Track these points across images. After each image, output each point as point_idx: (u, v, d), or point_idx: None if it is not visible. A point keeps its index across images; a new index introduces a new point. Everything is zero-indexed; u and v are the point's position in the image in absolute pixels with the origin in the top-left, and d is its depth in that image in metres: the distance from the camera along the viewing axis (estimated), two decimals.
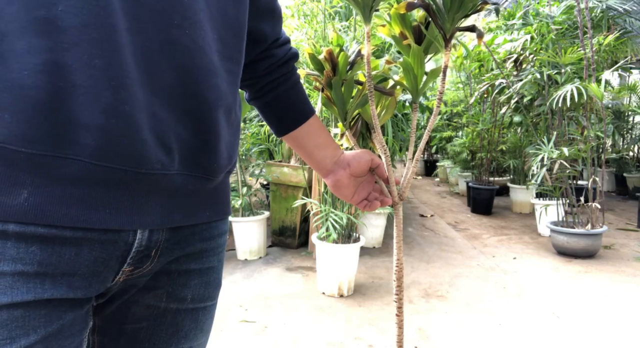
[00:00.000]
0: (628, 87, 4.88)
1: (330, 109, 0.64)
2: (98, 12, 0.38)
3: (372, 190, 0.71)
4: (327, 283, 2.42)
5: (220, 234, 0.58)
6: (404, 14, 0.51)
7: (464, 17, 0.50)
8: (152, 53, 0.41)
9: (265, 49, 0.65)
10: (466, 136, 4.95)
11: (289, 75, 0.67)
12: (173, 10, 0.42)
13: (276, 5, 0.64)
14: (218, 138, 0.49)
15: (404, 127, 4.23)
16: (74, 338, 0.44)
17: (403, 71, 0.53)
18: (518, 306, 2.30)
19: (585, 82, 3.01)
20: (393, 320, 2.11)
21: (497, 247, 3.39)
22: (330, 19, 3.24)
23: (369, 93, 0.55)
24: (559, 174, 3.18)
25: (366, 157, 0.67)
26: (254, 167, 3.29)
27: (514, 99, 3.76)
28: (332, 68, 0.60)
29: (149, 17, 0.41)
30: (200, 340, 0.58)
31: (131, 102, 0.40)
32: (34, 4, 0.36)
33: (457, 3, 0.46)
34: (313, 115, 0.67)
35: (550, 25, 3.30)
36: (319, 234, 2.43)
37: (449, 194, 5.83)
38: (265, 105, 0.67)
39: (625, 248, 3.33)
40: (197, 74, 0.45)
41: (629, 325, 2.09)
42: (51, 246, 0.40)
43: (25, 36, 0.36)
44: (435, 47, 0.54)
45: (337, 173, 0.68)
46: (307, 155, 0.69)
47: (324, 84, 0.62)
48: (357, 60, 0.61)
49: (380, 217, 3.30)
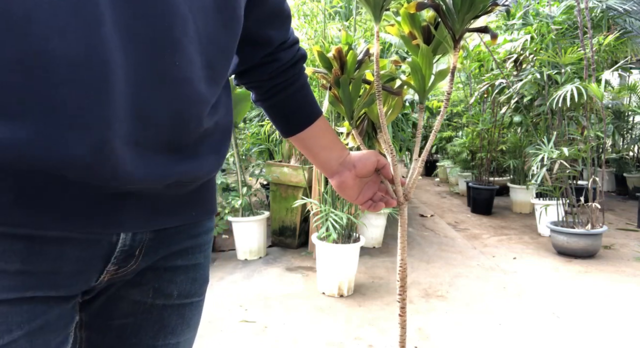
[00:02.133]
0: (628, 87, 4.89)
1: (337, 107, 0.64)
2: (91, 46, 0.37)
3: (378, 190, 0.70)
4: (327, 283, 2.42)
5: (206, 231, 0.58)
6: (413, 14, 0.50)
7: (474, 18, 0.49)
8: (143, 89, 0.41)
9: (271, 52, 0.63)
10: (466, 136, 4.95)
11: (297, 78, 0.65)
12: (165, 45, 0.41)
13: (284, 7, 0.61)
14: (197, 159, 0.49)
15: (404, 126, 4.23)
16: (59, 332, 0.44)
17: (411, 71, 0.53)
18: (518, 306, 2.30)
19: (585, 82, 3.01)
20: (393, 320, 2.11)
21: (497, 247, 3.39)
22: (330, 19, 3.24)
23: (377, 93, 0.54)
24: (559, 174, 3.18)
25: (372, 158, 0.67)
26: (254, 167, 3.29)
27: (514, 99, 3.76)
28: (340, 66, 0.59)
29: (142, 50, 0.40)
30: (187, 336, 0.58)
31: (118, 136, 0.39)
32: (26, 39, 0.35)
33: (467, 4, 0.46)
34: (320, 116, 0.66)
35: (550, 25, 3.30)
36: (319, 234, 2.43)
37: (448, 194, 5.83)
38: (271, 107, 0.66)
39: (625, 249, 3.34)
40: (182, 106, 0.44)
41: (629, 325, 2.09)
42: (36, 245, 0.40)
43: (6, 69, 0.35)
44: (444, 47, 0.54)
45: (343, 174, 0.68)
46: (312, 157, 0.68)
47: (331, 82, 0.61)
48: (365, 59, 0.60)
49: (380, 217, 3.30)
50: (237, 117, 2.89)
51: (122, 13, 0.38)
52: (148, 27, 0.40)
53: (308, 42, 2.86)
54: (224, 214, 2.93)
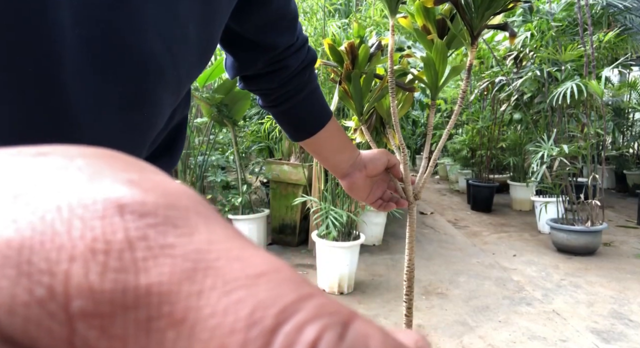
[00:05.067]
0: (628, 84, 4.88)
1: (346, 102, 0.62)
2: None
3: (387, 188, 0.69)
4: (327, 281, 2.41)
5: None
6: (428, 7, 0.49)
7: (494, 15, 0.48)
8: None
9: (278, 58, 0.57)
10: (466, 133, 4.94)
11: (306, 83, 0.61)
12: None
13: (289, 10, 0.55)
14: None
15: (404, 124, 4.20)
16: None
17: (424, 66, 0.52)
18: (518, 303, 2.30)
19: (585, 79, 3.01)
20: (393, 318, 2.11)
21: (497, 244, 3.39)
22: (330, 16, 3.22)
23: (391, 89, 0.53)
24: (559, 172, 3.18)
25: (383, 158, 0.65)
26: (254, 165, 3.28)
27: (514, 96, 3.75)
28: (351, 61, 0.58)
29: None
30: None
31: None
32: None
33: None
34: (330, 118, 0.63)
35: (550, 22, 3.29)
36: (319, 232, 2.43)
37: (448, 192, 5.83)
38: (280, 114, 0.63)
39: (625, 246, 3.34)
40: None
41: (629, 323, 2.09)
42: None
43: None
44: (458, 42, 0.53)
45: (353, 175, 0.65)
46: (323, 159, 0.66)
47: (342, 77, 0.60)
48: (376, 53, 0.59)
49: (380, 215, 3.30)
50: (236, 115, 2.88)
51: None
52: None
53: (309, 39, 2.85)
54: (223, 212, 2.93)
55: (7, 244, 0.08)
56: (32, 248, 0.08)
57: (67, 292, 0.08)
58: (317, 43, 2.78)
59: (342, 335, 0.08)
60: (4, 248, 0.08)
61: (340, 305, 0.09)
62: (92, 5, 0.31)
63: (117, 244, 0.09)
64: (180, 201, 0.10)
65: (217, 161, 3.00)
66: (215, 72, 2.65)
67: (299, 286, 0.09)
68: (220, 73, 2.69)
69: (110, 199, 0.09)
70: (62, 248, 0.08)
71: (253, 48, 0.55)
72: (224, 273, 0.09)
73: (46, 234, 0.08)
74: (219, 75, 2.72)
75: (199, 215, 0.10)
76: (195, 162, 2.94)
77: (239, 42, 0.55)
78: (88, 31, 0.31)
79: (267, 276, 0.09)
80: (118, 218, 0.09)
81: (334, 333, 0.08)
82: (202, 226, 0.10)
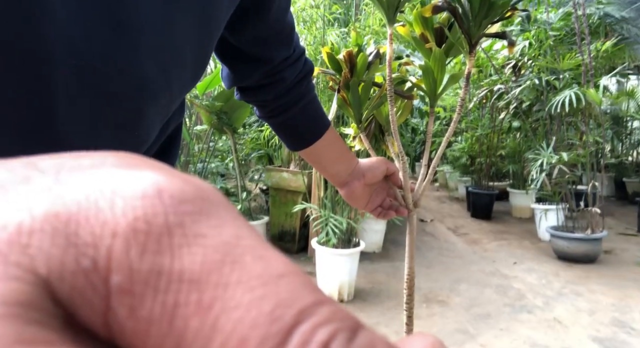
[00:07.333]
0: (626, 92, 4.91)
1: (345, 110, 0.63)
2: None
3: (387, 196, 0.69)
4: (327, 288, 2.40)
5: None
6: (426, 16, 0.50)
7: (491, 23, 0.49)
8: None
9: (274, 70, 0.57)
10: (465, 141, 4.95)
11: (303, 94, 0.60)
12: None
13: (285, 23, 0.54)
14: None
15: (403, 132, 4.21)
16: None
17: (422, 74, 0.52)
18: (519, 311, 2.29)
19: (583, 88, 3.02)
20: (394, 326, 2.10)
21: (497, 251, 3.39)
22: (330, 26, 3.25)
23: (390, 97, 0.54)
24: (559, 179, 3.18)
25: (382, 166, 0.65)
26: (254, 172, 3.28)
27: (513, 104, 3.77)
28: (349, 69, 0.58)
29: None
30: None
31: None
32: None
33: (485, 8, 0.45)
34: (328, 127, 0.63)
35: (548, 31, 3.32)
36: (319, 239, 2.42)
37: (448, 199, 5.83)
38: (278, 124, 0.63)
39: (625, 253, 3.33)
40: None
41: (631, 331, 2.08)
42: None
43: None
44: (456, 50, 0.53)
45: (352, 184, 0.65)
46: (321, 168, 0.66)
47: (341, 85, 0.60)
48: (374, 62, 0.60)
49: (380, 222, 3.29)
50: (236, 123, 2.89)
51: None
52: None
53: (307, 48, 2.87)
54: None
55: (56, 217, 0.09)
56: (79, 222, 0.09)
57: (108, 266, 0.09)
58: (317, 52, 2.79)
59: (351, 338, 0.09)
60: (54, 220, 0.09)
61: (350, 313, 0.10)
62: (89, 38, 0.31)
63: (156, 227, 0.09)
64: (212, 195, 0.10)
65: (216, 168, 3.00)
66: (215, 80, 2.67)
67: (314, 291, 0.09)
68: (219, 81, 2.70)
69: (150, 183, 0.10)
70: (106, 224, 0.09)
71: (249, 61, 0.55)
72: (250, 269, 0.09)
73: (90, 210, 0.09)
74: (219, 83, 2.73)
75: (227, 211, 0.10)
76: (195, 170, 2.95)
77: (235, 54, 0.55)
78: (84, 61, 0.31)
79: (288, 278, 0.09)
80: (158, 200, 0.09)
81: (345, 337, 0.09)
82: (230, 221, 0.10)
